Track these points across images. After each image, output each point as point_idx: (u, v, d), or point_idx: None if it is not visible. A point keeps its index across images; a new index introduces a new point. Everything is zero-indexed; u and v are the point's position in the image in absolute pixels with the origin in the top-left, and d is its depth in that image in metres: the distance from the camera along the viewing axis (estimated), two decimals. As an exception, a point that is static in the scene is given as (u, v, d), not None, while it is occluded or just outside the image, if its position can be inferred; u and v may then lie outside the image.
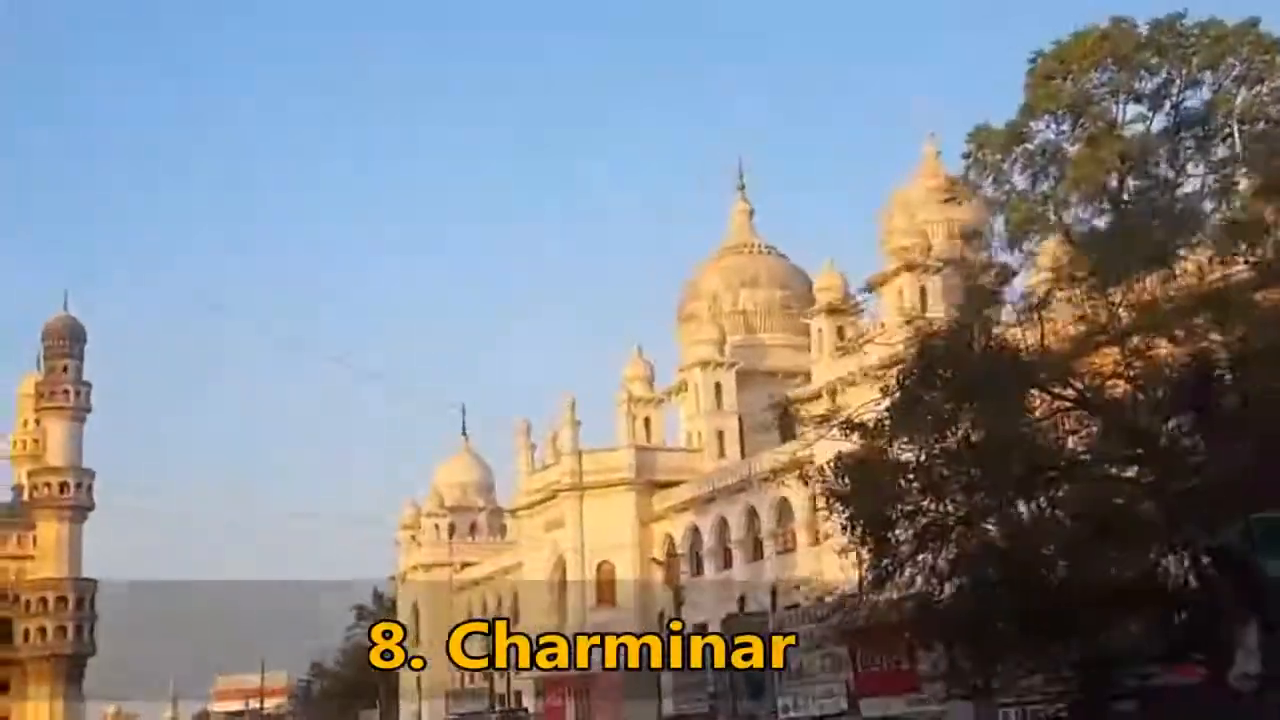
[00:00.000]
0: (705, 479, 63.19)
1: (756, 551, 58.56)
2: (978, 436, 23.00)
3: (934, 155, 53.19)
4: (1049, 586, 23.14)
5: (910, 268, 47.06)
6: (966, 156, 57.75)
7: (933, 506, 23.85)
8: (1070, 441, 25.02)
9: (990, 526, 23.76)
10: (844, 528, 25.13)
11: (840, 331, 52.06)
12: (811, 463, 51.08)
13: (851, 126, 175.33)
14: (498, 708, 56.66)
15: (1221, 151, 60.51)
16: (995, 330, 25.76)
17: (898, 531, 24.37)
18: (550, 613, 67.61)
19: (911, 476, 23.99)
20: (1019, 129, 62.16)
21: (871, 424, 24.94)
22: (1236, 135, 60.75)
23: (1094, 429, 24.99)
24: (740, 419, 68.31)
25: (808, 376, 68.41)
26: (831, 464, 25.60)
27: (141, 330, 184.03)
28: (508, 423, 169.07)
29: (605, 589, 66.87)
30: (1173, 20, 59.09)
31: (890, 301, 49.00)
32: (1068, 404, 24.67)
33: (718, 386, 68.19)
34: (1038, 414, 24.63)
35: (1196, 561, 23.92)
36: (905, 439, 23.97)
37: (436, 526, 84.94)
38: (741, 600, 52.39)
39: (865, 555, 25.67)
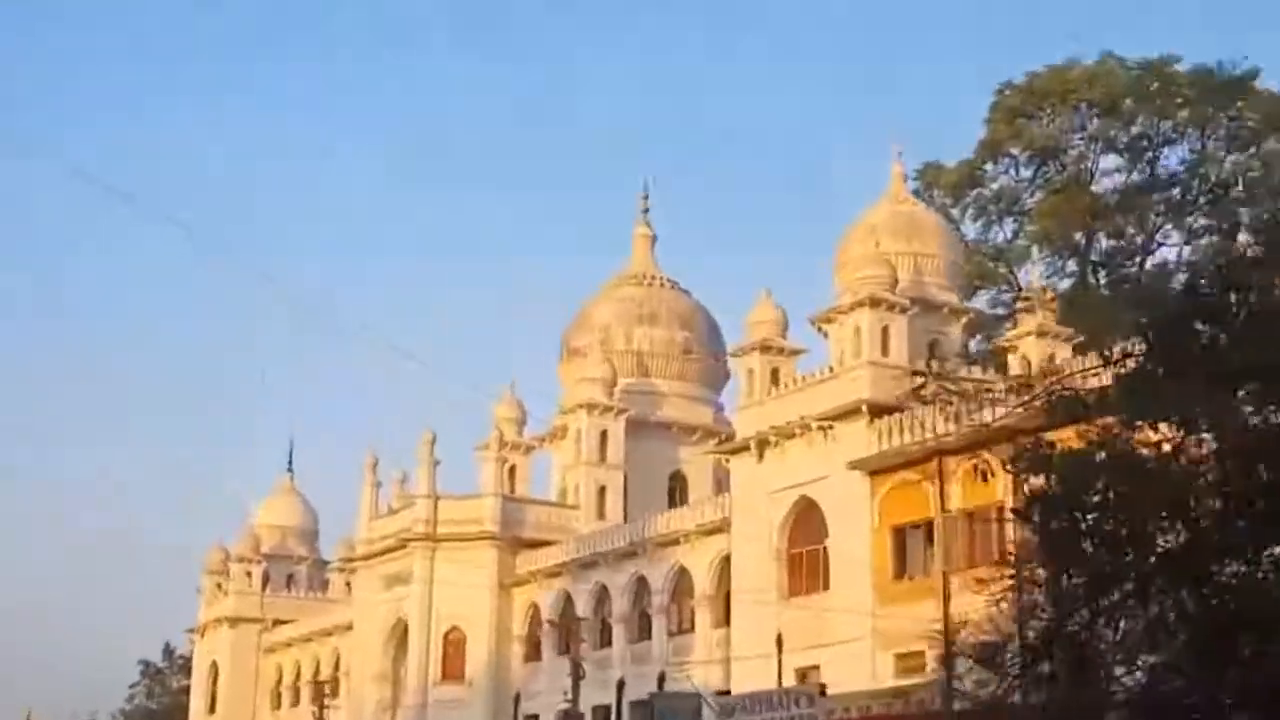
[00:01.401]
0: (592, 536, 58.94)
1: (643, 630, 51.40)
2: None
3: (900, 177, 47.85)
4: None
5: (874, 303, 41.22)
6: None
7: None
8: None
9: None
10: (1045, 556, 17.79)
11: (775, 375, 46.10)
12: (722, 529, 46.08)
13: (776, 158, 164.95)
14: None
15: (1199, 221, 56.99)
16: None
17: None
18: (382, 684, 60.38)
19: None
20: (974, 168, 58.54)
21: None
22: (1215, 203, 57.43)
23: None
24: (625, 475, 63.78)
25: (708, 432, 62.95)
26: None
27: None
28: (340, 461, 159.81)
29: (452, 661, 62.17)
30: (1165, 64, 55.52)
31: (844, 340, 42.66)
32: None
33: (604, 435, 64.05)
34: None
35: None
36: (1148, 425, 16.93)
37: (249, 574, 78.70)
38: (661, 677, 47.89)
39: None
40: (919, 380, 44.17)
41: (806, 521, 45.90)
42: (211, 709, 76.90)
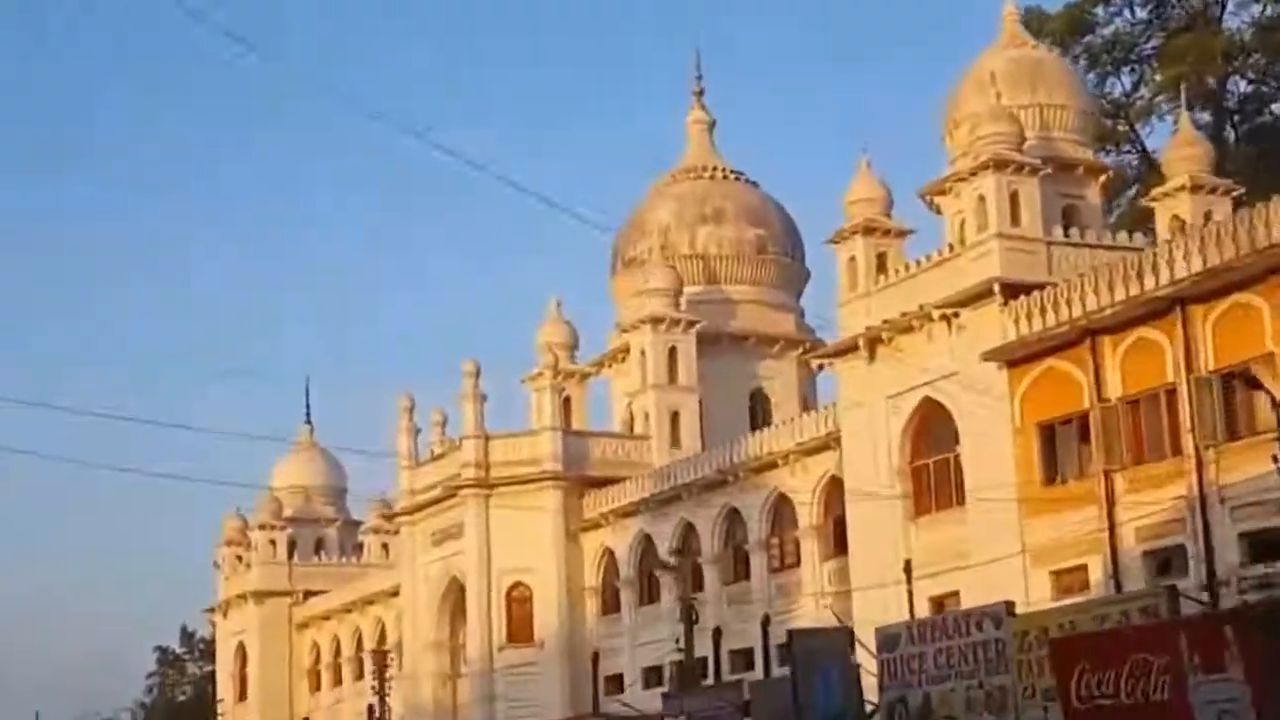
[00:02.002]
0: (670, 468, 53.57)
1: (739, 571, 45.74)
2: None
3: (1014, 20, 41.59)
4: None
5: (1000, 165, 35.35)
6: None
7: None
8: None
9: None
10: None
11: (881, 261, 41.80)
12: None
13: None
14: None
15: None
16: None
17: None
18: (439, 652, 55.06)
19: None
20: (1083, 12, 52.84)
21: None
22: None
23: None
24: (699, 398, 58.53)
25: (790, 342, 57.32)
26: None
27: None
28: (366, 405, 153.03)
29: (518, 621, 56.48)
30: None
31: (965, 214, 36.84)
32: None
33: (672, 353, 58.09)
34: None
35: None
36: None
37: (272, 543, 73.27)
38: (765, 620, 43.95)
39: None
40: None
41: (932, 428, 41.08)
42: (242, 695, 72.39)
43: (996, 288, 37.94)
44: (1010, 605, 27.69)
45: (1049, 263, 38.81)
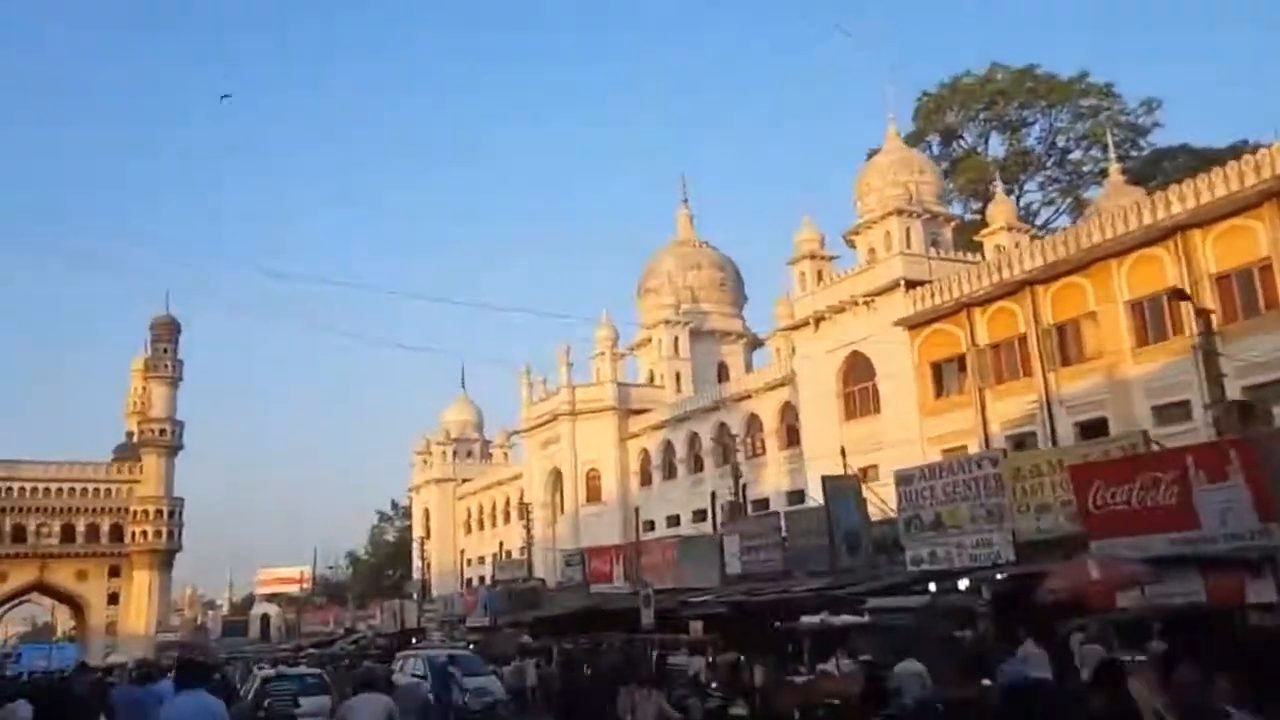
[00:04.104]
0: (680, 402, 47.84)
1: (725, 458, 40.00)
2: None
3: (895, 135, 36.03)
4: None
5: (900, 211, 29.88)
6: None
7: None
8: None
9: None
10: None
11: (819, 275, 34.28)
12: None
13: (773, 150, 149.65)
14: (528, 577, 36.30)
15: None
16: None
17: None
18: (546, 509, 48.66)
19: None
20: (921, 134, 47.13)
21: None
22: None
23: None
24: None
25: (738, 335, 51.96)
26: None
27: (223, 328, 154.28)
28: (495, 377, 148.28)
29: (592, 489, 50.44)
30: (1029, 69, 44.62)
31: (873, 244, 31.59)
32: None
33: (675, 340, 52.80)
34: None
35: None
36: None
37: (444, 452, 67.32)
38: (744, 487, 38.00)
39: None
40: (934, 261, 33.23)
41: (856, 369, 34.99)
42: (427, 535, 65.14)
43: (902, 283, 32.52)
44: (1004, 450, 22.58)
45: (929, 270, 33.48)
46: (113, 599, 68.16)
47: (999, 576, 16.50)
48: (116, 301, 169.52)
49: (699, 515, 42.08)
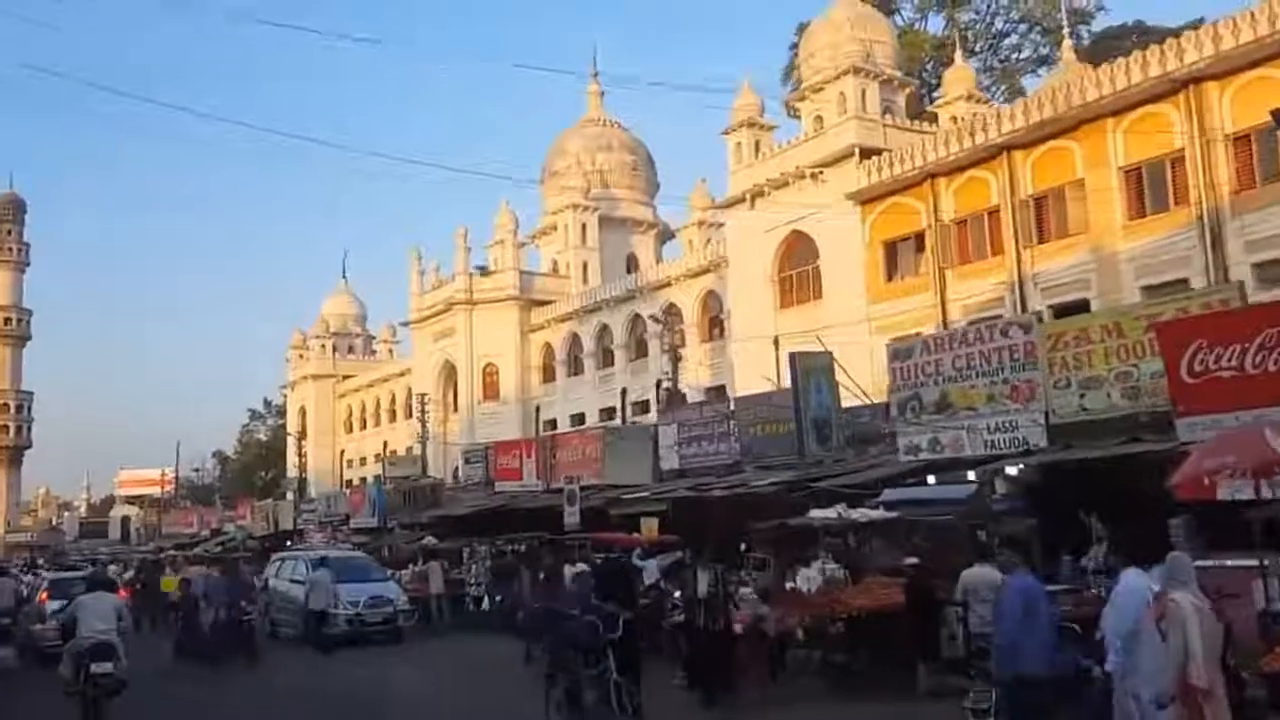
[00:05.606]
0: (589, 291, 43.48)
1: (640, 351, 35.66)
2: None
3: (850, -7, 31.65)
4: None
5: (855, 70, 25.47)
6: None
7: None
8: None
9: None
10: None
11: (756, 147, 29.42)
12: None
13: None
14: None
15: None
16: None
17: None
18: (439, 406, 43.41)
19: None
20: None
21: None
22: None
23: None
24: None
25: (649, 224, 47.52)
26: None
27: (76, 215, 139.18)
28: (379, 266, 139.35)
29: (490, 386, 45.68)
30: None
31: (825, 108, 26.92)
32: None
33: (583, 226, 47.85)
34: None
35: None
36: None
37: (323, 346, 61.10)
38: (658, 384, 33.20)
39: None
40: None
41: (796, 251, 30.88)
42: (303, 435, 58.97)
43: (856, 151, 28.34)
44: (1039, 314, 18.93)
45: (885, 138, 29.43)
46: (-45, 497, 60.89)
47: (1092, 454, 12.72)
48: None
49: (607, 413, 38.18)
